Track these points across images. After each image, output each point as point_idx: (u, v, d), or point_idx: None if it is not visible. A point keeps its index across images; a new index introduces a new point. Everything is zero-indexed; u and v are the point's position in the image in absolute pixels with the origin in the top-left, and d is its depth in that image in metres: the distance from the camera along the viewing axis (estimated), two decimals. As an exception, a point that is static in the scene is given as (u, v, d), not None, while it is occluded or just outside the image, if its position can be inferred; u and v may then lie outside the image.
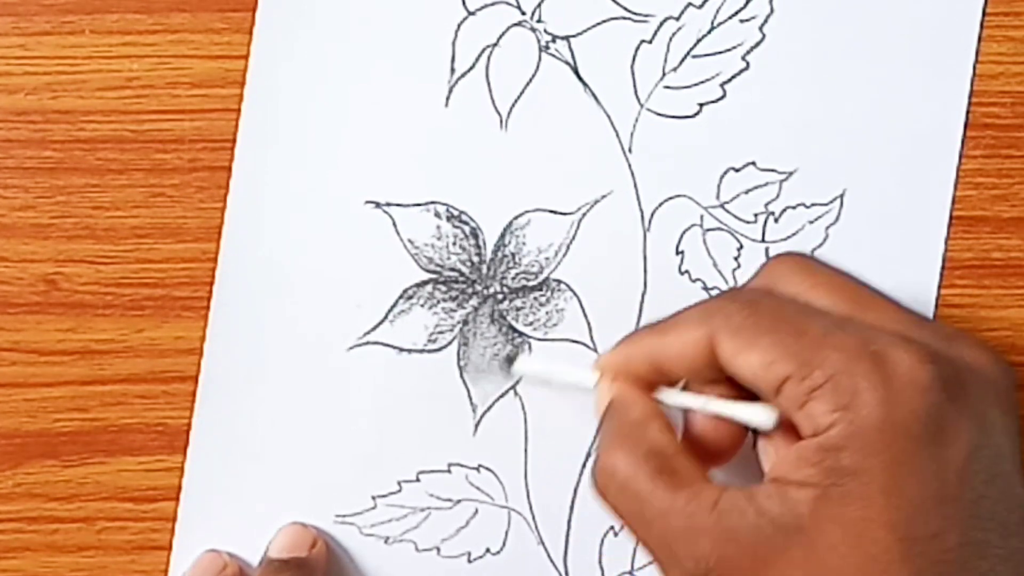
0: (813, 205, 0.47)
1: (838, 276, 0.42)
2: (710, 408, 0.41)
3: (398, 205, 0.47)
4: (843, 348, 0.38)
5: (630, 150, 0.47)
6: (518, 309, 0.47)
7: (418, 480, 0.48)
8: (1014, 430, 0.39)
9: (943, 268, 0.48)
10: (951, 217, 0.48)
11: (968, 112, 0.47)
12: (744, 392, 0.41)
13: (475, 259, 0.47)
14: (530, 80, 0.46)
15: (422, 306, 0.47)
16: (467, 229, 0.47)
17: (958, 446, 0.37)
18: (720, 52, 0.47)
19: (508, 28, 0.46)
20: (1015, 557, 0.37)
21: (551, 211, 0.47)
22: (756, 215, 0.47)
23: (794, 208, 0.47)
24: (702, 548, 0.38)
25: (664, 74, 0.47)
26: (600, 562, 0.49)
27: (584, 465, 0.48)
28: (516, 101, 0.47)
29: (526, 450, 0.48)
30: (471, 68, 0.46)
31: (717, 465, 0.42)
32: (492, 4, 0.46)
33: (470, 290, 0.47)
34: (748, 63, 0.47)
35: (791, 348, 0.38)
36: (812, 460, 0.37)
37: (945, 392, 0.37)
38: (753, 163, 0.47)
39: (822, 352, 0.38)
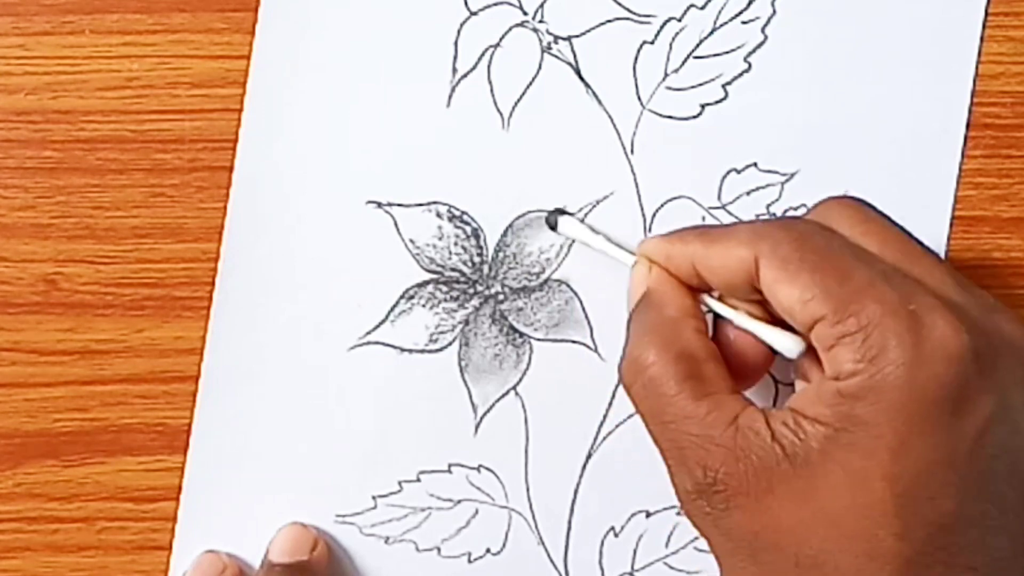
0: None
1: (891, 227, 0.41)
2: (741, 323, 0.41)
3: (399, 205, 0.47)
4: (882, 301, 0.37)
5: (632, 151, 0.47)
6: (519, 310, 0.47)
7: (419, 480, 0.48)
8: None
9: (943, 268, 0.48)
10: (952, 217, 0.48)
11: (969, 112, 0.48)
12: (774, 317, 0.41)
13: (476, 259, 0.47)
14: (532, 80, 0.46)
15: (423, 306, 0.47)
16: (468, 229, 0.47)
17: (975, 418, 0.37)
18: (722, 53, 0.47)
19: (510, 28, 0.46)
20: (1009, 530, 0.38)
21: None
22: (758, 216, 0.47)
23: (796, 209, 0.47)
24: (713, 459, 0.38)
25: (666, 75, 0.47)
26: (600, 562, 0.49)
27: (584, 467, 0.48)
28: (518, 101, 0.46)
29: (526, 450, 0.48)
30: (473, 68, 0.46)
31: (740, 386, 0.42)
32: (494, 4, 0.46)
33: (471, 290, 0.47)
34: (750, 64, 0.47)
35: (832, 290, 0.38)
36: (828, 401, 0.37)
37: (975, 364, 0.37)
38: (755, 164, 0.47)
39: (861, 301, 0.37)
